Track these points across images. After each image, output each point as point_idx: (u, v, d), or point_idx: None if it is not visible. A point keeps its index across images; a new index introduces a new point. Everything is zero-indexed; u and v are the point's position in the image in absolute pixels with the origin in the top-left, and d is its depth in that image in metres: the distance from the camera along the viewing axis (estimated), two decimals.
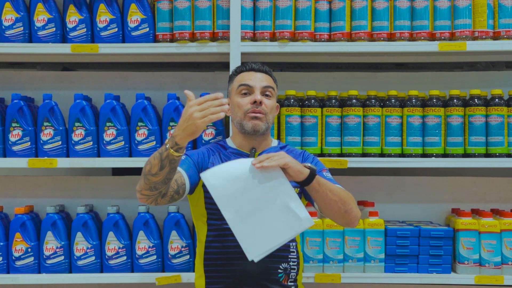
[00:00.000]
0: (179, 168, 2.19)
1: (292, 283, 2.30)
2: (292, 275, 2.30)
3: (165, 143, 2.00)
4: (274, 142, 2.42)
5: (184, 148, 2.02)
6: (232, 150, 2.36)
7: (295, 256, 2.32)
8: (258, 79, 2.32)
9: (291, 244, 2.31)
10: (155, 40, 2.86)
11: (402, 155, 2.82)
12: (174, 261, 2.79)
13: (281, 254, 2.27)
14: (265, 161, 2.02)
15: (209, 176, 2.05)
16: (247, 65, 2.36)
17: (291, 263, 2.30)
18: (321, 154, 2.83)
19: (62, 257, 2.78)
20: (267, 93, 2.32)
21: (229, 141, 2.40)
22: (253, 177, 2.05)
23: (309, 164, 2.11)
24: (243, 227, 2.04)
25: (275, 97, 2.37)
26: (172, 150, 1.98)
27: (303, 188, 2.25)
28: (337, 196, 2.14)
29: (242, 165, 2.08)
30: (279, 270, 2.27)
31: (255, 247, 2.04)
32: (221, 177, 2.05)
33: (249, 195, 2.04)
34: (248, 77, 2.33)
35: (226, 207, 2.04)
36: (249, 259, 2.04)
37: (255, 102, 2.27)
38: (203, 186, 2.27)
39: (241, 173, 2.05)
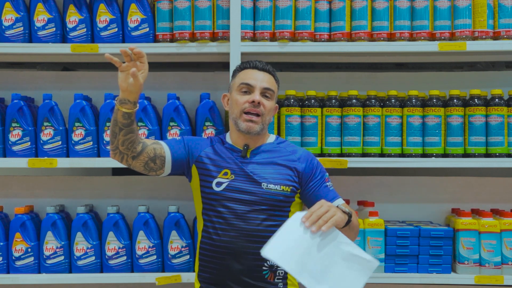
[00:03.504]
0: (161, 142, 2.36)
1: (280, 280, 2.32)
2: (279, 273, 2.31)
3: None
4: (271, 138, 2.46)
5: (129, 103, 2.16)
6: (228, 145, 2.41)
7: None
8: (259, 79, 2.35)
9: None
10: (155, 40, 2.86)
11: (402, 155, 2.82)
12: (174, 261, 2.79)
13: None
14: (323, 226, 2.03)
15: (270, 251, 2.04)
16: (251, 63, 2.39)
17: None
18: (321, 154, 2.83)
19: (62, 257, 2.78)
20: (267, 94, 2.36)
21: (227, 136, 2.46)
22: (309, 237, 2.06)
23: (348, 210, 2.19)
24: None
25: (275, 98, 2.41)
26: (116, 101, 2.18)
27: (302, 195, 2.36)
28: (354, 232, 2.27)
29: (295, 228, 2.07)
30: (264, 268, 2.29)
31: None
32: (282, 248, 2.04)
33: (314, 255, 2.05)
34: (250, 75, 2.36)
35: (300, 273, 2.04)
36: None
37: (253, 102, 2.31)
38: (199, 174, 2.35)
39: (297, 237, 2.05)
